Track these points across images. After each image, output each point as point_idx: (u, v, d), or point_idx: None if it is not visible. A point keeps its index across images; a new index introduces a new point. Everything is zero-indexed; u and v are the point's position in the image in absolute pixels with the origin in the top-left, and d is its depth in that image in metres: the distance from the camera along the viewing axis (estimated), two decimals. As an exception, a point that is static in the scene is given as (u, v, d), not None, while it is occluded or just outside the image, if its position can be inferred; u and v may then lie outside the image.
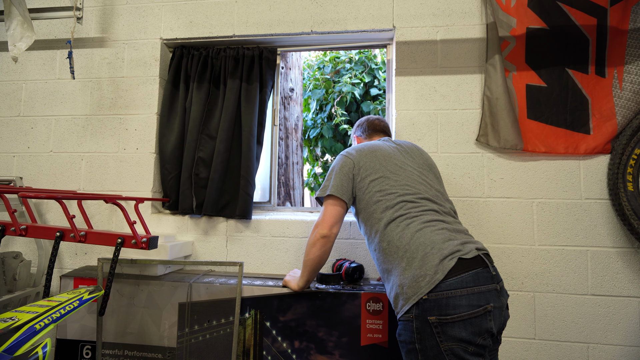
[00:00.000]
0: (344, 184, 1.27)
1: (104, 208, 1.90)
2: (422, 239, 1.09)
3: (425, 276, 1.03)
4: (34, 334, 0.84)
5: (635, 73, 1.59)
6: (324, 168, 4.14)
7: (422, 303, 1.02)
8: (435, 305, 1.00)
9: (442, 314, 1.00)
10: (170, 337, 1.47)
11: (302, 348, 1.41)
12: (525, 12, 1.68)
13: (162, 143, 1.90)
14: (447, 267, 1.03)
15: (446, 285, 1.01)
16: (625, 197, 1.54)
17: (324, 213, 1.27)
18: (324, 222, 1.26)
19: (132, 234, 1.28)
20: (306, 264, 1.31)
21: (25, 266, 1.73)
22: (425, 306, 1.01)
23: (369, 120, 1.60)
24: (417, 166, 1.31)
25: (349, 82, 3.54)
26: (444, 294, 1.01)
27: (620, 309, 1.57)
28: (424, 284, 1.03)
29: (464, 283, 1.01)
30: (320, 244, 1.25)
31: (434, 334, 1.00)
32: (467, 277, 1.02)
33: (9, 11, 1.69)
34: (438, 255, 1.05)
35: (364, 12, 1.81)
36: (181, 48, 1.95)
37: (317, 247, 1.25)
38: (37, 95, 1.99)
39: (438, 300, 1.00)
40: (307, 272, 1.32)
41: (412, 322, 1.03)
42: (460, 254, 1.06)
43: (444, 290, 1.01)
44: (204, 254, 1.83)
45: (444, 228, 1.13)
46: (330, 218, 1.26)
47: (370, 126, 1.57)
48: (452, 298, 1.00)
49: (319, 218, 1.28)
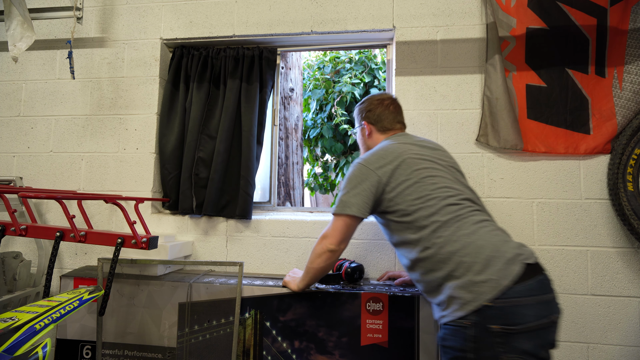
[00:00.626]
0: (366, 201, 1.18)
1: (104, 208, 1.90)
2: (480, 241, 1.02)
3: (489, 281, 0.95)
4: (34, 334, 0.84)
5: (635, 73, 1.59)
6: (324, 168, 4.14)
7: (483, 310, 0.93)
8: (500, 314, 0.92)
9: (507, 323, 0.91)
10: (170, 337, 1.47)
11: (302, 348, 1.41)
12: (525, 12, 1.68)
13: (162, 143, 1.90)
14: (513, 273, 0.95)
15: (513, 292, 0.93)
16: (625, 197, 1.54)
17: (336, 228, 1.21)
18: (334, 237, 1.21)
19: (132, 234, 1.28)
20: (309, 271, 1.30)
21: (25, 266, 1.73)
22: (487, 313, 0.93)
23: (382, 103, 1.38)
24: (447, 165, 1.23)
25: (349, 82, 3.54)
26: (511, 301, 0.93)
27: (620, 309, 1.57)
28: (486, 289, 0.95)
29: (531, 291, 0.94)
30: (326, 257, 1.22)
31: (494, 344, 0.92)
32: (533, 284, 0.95)
33: (9, 11, 1.69)
34: (501, 259, 0.98)
35: (364, 12, 1.81)
36: (181, 48, 1.95)
37: (322, 259, 1.23)
38: (37, 95, 1.99)
39: (504, 308, 0.92)
40: (308, 277, 1.31)
41: (466, 329, 0.95)
42: (523, 258, 0.99)
43: (512, 297, 0.93)
44: (204, 254, 1.83)
45: (497, 229, 1.08)
46: (341, 235, 1.21)
47: (384, 116, 1.38)
48: (520, 307, 0.92)
49: (329, 229, 1.23)
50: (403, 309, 1.38)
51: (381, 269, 1.70)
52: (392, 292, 1.40)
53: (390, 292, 1.40)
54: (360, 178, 1.20)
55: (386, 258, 1.71)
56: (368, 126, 1.41)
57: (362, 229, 1.73)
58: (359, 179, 1.20)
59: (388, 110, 1.39)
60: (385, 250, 1.71)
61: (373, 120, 1.39)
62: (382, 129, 1.38)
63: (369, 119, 1.40)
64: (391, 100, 1.41)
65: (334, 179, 4.05)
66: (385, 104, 1.39)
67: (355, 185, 1.20)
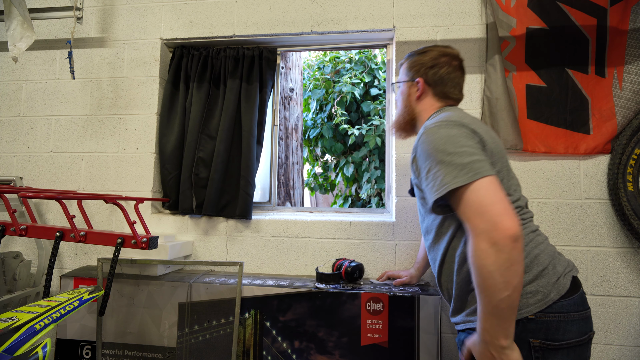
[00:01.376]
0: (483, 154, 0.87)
1: (104, 208, 1.90)
2: (536, 250, 0.93)
3: (537, 293, 0.87)
4: (34, 334, 0.84)
5: (635, 73, 1.59)
6: (324, 168, 4.14)
7: (525, 322, 0.86)
8: (542, 327, 0.86)
9: (549, 338, 0.85)
10: (170, 337, 1.47)
11: (302, 348, 1.41)
12: (525, 12, 1.68)
13: (162, 143, 1.90)
14: (563, 287, 0.89)
15: (559, 306, 0.86)
16: (625, 197, 1.54)
17: (489, 200, 0.78)
18: (503, 214, 0.75)
19: (132, 234, 1.28)
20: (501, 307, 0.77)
21: (25, 266, 1.73)
22: (528, 326, 0.86)
23: (450, 63, 1.10)
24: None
25: (349, 82, 3.54)
26: (555, 316, 0.86)
27: (620, 309, 1.57)
28: (533, 302, 0.87)
29: (576, 306, 0.88)
30: (517, 253, 0.75)
31: (532, 358, 0.85)
32: (578, 299, 0.89)
33: (9, 11, 1.69)
34: (554, 272, 0.91)
35: (364, 12, 1.81)
36: (181, 48, 1.95)
37: (517, 265, 0.75)
38: (37, 95, 1.99)
39: (548, 322, 0.86)
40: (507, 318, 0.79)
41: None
42: (570, 271, 0.93)
43: (557, 312, 0.86)
44: (204, 254, 1.83)
45: (547, 238, 0.99)
46: (506, 203, 0.78)
47: (449, 80, 1.10)
48: (564, 322, 0.86)
49: (477, 213, 0.78)
50: (403, 309, 1.38)
51: (381, 269, 1.70)
52: (392, 292, 1.40)
53: (390, 292, 1.40)
54: (464, 136, 0.89)
55: (386, 258, 1.71)
56: (423, 85, 1.12)
57: (362, 228, 1.73)
58: (462, 137, 0.88)
59: (455, 74, 1.11)
60: (385, 250, 1.71)
61: (432, 81, 1.11)
62: (441, 94, 1.11)
63: (427, 77, 1.11)
64: (460, 62, 1.13)
65: (334, 179, 4.05)
66: (454, 64, 1.11)
67: (463, 144, 0.87)
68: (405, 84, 1.17)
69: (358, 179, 3.74)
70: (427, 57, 1.13)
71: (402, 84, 1.18)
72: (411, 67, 1.16)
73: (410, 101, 1.16)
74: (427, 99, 1.13)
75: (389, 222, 1.72)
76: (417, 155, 0.96)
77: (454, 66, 1.11)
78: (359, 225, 1.74)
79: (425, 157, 0.91)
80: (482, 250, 0.77)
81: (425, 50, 1.15)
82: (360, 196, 3.82)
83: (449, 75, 1.11)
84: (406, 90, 1.17)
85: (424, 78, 1.12)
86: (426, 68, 1.12)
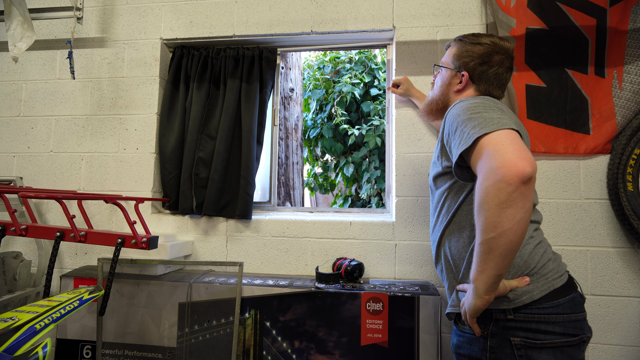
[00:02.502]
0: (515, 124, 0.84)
1: (104, 208, 1.90)
2: (546, 254, 0.92)
3: (523, 294, 0.86)
4: (34, 334, 0.84)
5: (634, 73, 1.59)
6: (324, 168, 4.14)
7: (504, 321, 0.86)
8: (522, 327, 0.85)
9: (529, 337, 0.85)
10: (170, 337, 1.47)
11: (302, 348, 1.41)
12: (525, 12, 1.68)
13: (162, 143, 1.90)
14: (548, 288, 0.87)
15: (539, 308, 0.85)
16: (625, 197, 1.54)
17: (506, 143, 0.74)
18: (520, 155, 0.71)
19: (132, 234, 1.28)
20: (491, 246, 0.74)
21: (25, 266, 1.73)
22: (508, 325, 0.86)
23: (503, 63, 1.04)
24: None
25: (349, 82, 3.54)
26: (535, 317, 0.85)
27: (620, 309, 1.57)
28: (518, 294, 0.86)
29: (560, 308, 0.86)
30: (519, 195, 0.69)
31: (515, 356, 0.85)
32: (565, 303, 0.87)
33: (9, 11, 1.69)
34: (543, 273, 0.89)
35: (364, 12, 1.81)
36: (181, 48, 1.96)
37: (519, 203, 0.70)
38: (37, 95, 1.99)
39: (526, 322, 0.85)
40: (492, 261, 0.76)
41: (484, 338, 0.88)
42: (563, 277, 0.90)
43: (536, 313, 0.85)
44: (204, 253, 1.84)
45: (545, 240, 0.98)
46: (522, 145, 0.74)
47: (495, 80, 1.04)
48: (544, 323, 0.85)
49: (497, 155, 0.73)
50: (403, 309, 1.38)
51: (381, 269, 1.70)
52: (392, 292, 1.40)
53: (390, 292, 1.40)
54: (492, 105, 0.87)
55: (386, 258, 1.71)
56: (467, 81, 1.07)
57: (362, 228, 1.74)
58: (490, 105, 0.87)
59: (505, 75, 1.06)
60: (385, 250, 1.71)
61: (477, 77, 1.05)
62: (483, 92, 1.07)
63: (474, 73, 1.05)
64: (512, 61, 1.07)
65: (334, 179, 4.06)
66: (506, 65, 1.05)
67: (491, 107, 0.86)
68: (448, 71, 1.10)
69: (358, 179, 3.74)
70: (480, 50, 1.04)
71: (445, 70, 1.11)
72: (460, 55, 1.07)
73: (449, 90, 1.11)
74: (466, 92, 1.08)
75: (389, 222, 1.72)
76: (446, 121, 0.94)
77: (505, 67, 1.05)
78: (359, 225, 1.74)
79: (453, 120, 0.90)
80: (485, 187, 0.73)
81: (478, 39, 1.06)
82: (360, 196, 3.82)
83: (497, 76, 1.04)
84: (448, 78, 1.11)
85: (470, 73, 1.06)
86: (475, 63, 1.05)
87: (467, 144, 0.81)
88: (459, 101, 0.94)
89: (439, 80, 1.14)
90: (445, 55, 1.15)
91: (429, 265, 1.67)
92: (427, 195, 1.71)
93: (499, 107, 0.88)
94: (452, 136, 0.89)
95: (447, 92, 1.12)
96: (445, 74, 1.12)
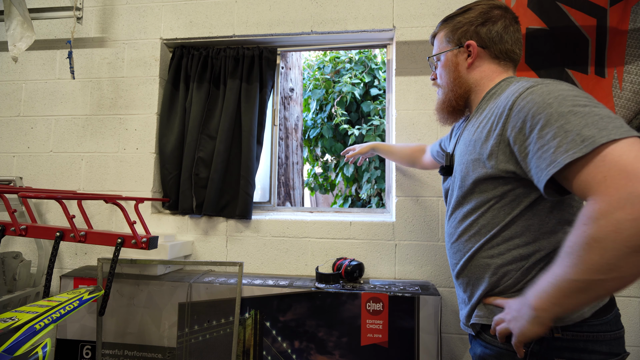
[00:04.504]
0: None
1: (104, 208, 1.90)
2: None
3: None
4: (34, 334, 0.84)
5: (635, 73, 1.59)
6: (324, 168, 4.14)
7: (550, 340, 0.77)
8: (568, 346, 0.77)
9: (575, 357, 0.77)
10: (170, 337, 1.47)
11: (302, 348, 1.41)
12: (525, 12, 1.68)
13: (162, 143, 1.90)
14: (599, 304, 0.78)
15: (589, 325, 0.77)
16: (625, 197, 1.54)
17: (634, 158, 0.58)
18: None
19: (132, 234, 1.28)
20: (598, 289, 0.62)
21: (25, 266, 1.73)
22: (553, 345, 0.77)
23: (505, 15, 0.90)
24: None
25: (349, 82, 3.54)
26: (584, 335, 0.77)
27: (621, 309, 1.56)
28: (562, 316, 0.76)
29: (608, 326, 0.79)
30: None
31: None
32: (612, 319, 0.80)
33: (9, 11, 1.69)
34: None
35: (364, 12, 1.81)
36: (181, 48, 1.95)
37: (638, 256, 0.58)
38: (37, 95, 1.99)
39: (574, 341, 0.77)
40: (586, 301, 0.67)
41: (521, 357, 0.79)
42: None
43: (586, 331, 0.77)
44: (204, 253, 1.84)
45: None
46: None
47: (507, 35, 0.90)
48: (592, 342, 0.77)
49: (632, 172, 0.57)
50: (403, 309, 1.38)
51: (381, 269, 1.70)
52: (392, 292, 1.40)
53: (390, 292, 1.40)
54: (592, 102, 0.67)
55: (386, 258, 1.71)
56: (477, 49, 0.91)
57: (362, 228, 1.73)
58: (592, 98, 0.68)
59: (514, 27, 0.91)
60: (385, 250, 1.71)
61: (488, 40, 0.90)
62: (502, 54, 0.90)
63: (480, 36, 0.90)
64: (513, 13, 0.94)
65: (334, 179, 4.06)
66: (509, 17, 0.91)
67: (596, 102, 0.66)
68: (447, 55, 0.95)
69: (358, 179, 3.74)
70: (474, 14, 0.91)
71: (444, 55, 0.96)
72: (454, 30, 0.94)
73: (460, 72, 0.94)
74: (484, 65, 0.91)
75: (389, 222, 1.72)
76: (516, 110, 0.73)
77: (510, 19, 0.90)
78: (359, 225, 1.74)
79: (537, 109, 0.68)
80: (618, 219, 0.56)
81: (467, 7, 0.93)
82: (360, 196, 3.82)
83: (506, 29, 0.89)
84: (451, 61, 0.95)
85: (476, 39, 0.91)
86: (476, 26, 0.91)
87: (582, 150, 0.61)
88: (537, 85, 0.72)
89: (442, 71, 0.98)
90: (435, 45, 1.01)
91: (429, 265, 1.67)
92: (427, 195, 1.70)
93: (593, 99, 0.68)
94: (535, 134, 0.68)
95: (458, 74, 0.94)
96: (446, 60, 0.96)
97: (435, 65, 1.01)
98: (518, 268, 0.81)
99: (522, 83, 0.77)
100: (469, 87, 0.94)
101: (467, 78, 0.94)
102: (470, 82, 0.94)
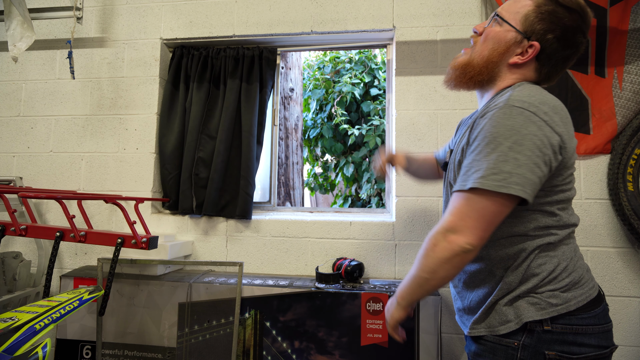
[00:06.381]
0: (539, 176, 0.75)
1: (104, 208, 1.90)
2: (581, 261, 0.88)
3: (557, 297, 0.82)
4: (34, 334, 0.84)
5: (635, 73, 1.59)
6: (324, 168, 4.14)
7: (540, 333, 0.81)
8: (558, 339, 0.80)
9: (565, 350, 0.79)
10: (170, 337, 1.47)
11: (302, 348, 1.41)
12: (525, 12, 1.68)
13: (162, 143, 1.90)
14: (584, 299, 0.83)
15: (578, 319, 0.81)
16: (625, 197, 1.54)
17: (480, 213, 0.76)
18: (477, 228, 0.76)
19: (132, 234, 1.28)
20: (423, 283, 0.84)
21: (25, 266, 1.73)
22: (544, 337, 0.80)
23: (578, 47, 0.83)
24: None
25: (349, 82, 3.54)
26: (573, 328, 0.80)
27: (620, 309, 1.57)
28: (554, 303, 0.82)
29: (596, 319, 0.82)
30: (460, 260, 0.78)
31: None
32: (600, 312, 0.83)
33: (9, 11, 1.69)
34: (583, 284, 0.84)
35: (364, 12, 1.81)
36: (181, 48, 1.95)
37: (453, 264, 0.79)
38: (37, 95, 1.99)
39: (564, 334, 0.80)
40: (420, 292, 0.86)
41: (514, 350, 0.82)
42: (596, 286, 0.87)
43: (575, 324, 0.80)
44: (204, 254, 1.83)
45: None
46: (487, 224, 0.77)
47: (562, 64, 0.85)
48: (581, 335, 0.80)
49: (461, 215, 0.77)
50: (403, 309, 1.38)
51: (381, 269, 1.70)
52: (392, 292, 1.40)
53: (390, 292, 1.40)
54: (536, 141, 0.73)
55: (386, 258, 1.71)
56: (534, 54, 0.83)
57: (362, 228, 1.73)
58: (533, 143, 0.73)
59: (572, 59, 0.86)
60: (385, 250, 1.71)
61: (547, 55, 0.83)
62: (542, 74, 0.87)
63: (549, 48, 0.83)
64: (585, 47, 0.91)
65: (334, 179, 4.05)
66: (581, 50, 0.85)
67: (525, 148, 0.72)
68: (509, 32, 0.84)
69: (358, 179, 3.74)
70: (569, 22, 0.81)
71: (504, 28, 0.84)
72: (540, 18, 0.81)
73: (503, 59, 0.85)
74: (521, 70, 0.85)
75: (389, 222, 1.72)
76: (478, 126, 0.80)
77: (579, 51, 0.85)
78: (359, 225, 1.74)
79: (487, 132, 0.77)
80: (440, 241, 0.80)
81: (577, 6, 0.81)
82: (360, 196, 3.82)
83: (566, 60, 0.85)
84: (507, 40, 0.84)
85: (544, 46, 0.82)
86: (555, 37, 0.81)
87: (466, 186, 0.78)
88: (509, 104, 0.75)
89: (493, 38, 0.85)
90: (509, 2, 0.86)
91: (429, 265, 1.67)
92: (427, 195, 1.70)
93: (546, 143, 0.74)
94: (472, 150, 0.80)
95: (500, 60, 0.85)
96: (502, 33, 0.84)
97: (491, 25, 0.87)
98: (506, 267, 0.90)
99: (512, 94, 0.79)
100: (494, 75, 0.87)
101: (502, 69, 0.86)
102: (499, 74, 0.87)
